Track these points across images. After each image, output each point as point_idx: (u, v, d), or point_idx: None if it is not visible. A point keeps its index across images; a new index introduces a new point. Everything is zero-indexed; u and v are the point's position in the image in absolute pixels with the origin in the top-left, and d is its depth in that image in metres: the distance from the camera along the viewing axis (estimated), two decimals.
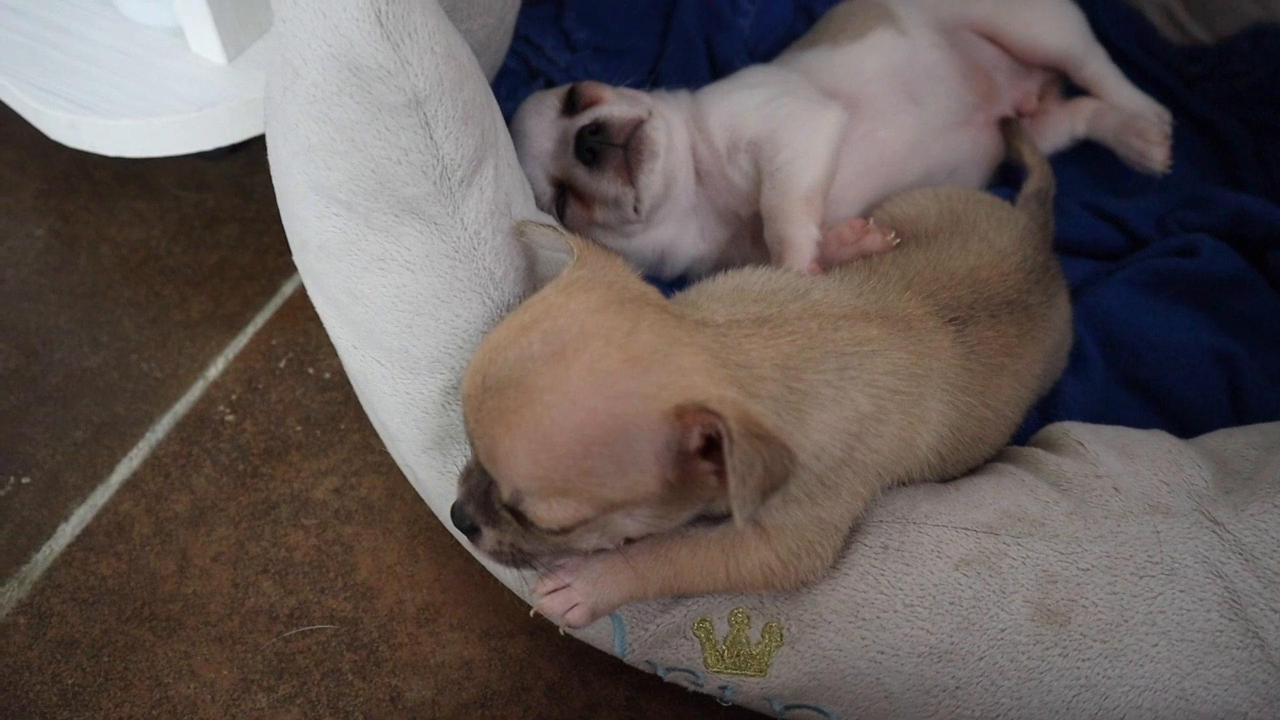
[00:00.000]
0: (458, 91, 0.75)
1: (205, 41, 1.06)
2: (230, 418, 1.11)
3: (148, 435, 1.09)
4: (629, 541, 0.77)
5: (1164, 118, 1.23)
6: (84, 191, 1.30)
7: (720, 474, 0.66)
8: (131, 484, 1.06)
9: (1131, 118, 1.20)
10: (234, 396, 1.12)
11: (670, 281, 1.13)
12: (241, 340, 1.17)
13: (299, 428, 1.10)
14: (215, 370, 1.15)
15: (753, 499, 0.62)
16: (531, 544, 0.73)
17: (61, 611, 0.98)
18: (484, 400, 0.67)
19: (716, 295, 0.80)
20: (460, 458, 0.83)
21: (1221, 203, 1.15)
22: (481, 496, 0.72)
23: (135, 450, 1.08)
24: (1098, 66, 1.24)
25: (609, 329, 0.66)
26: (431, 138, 0.75)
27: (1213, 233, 1.14)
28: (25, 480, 1.06)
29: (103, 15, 1.11)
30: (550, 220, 0.91)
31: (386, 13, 0.71)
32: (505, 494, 0.68)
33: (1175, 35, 1.43)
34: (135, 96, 1.05)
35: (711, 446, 0.66)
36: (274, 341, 1.17)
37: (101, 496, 1.05)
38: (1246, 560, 0.77)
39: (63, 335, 1.17)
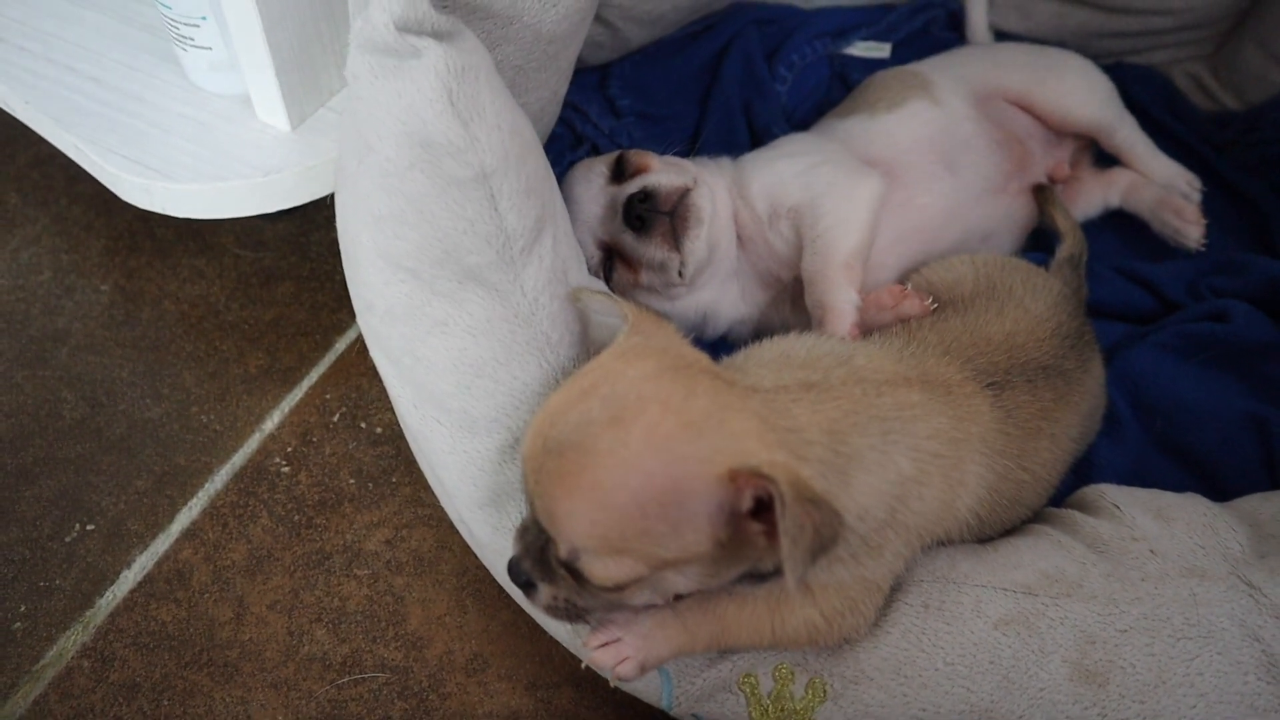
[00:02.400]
0: (521, 165, 0.80)
1: (271, 110, 1.12)
2: (286, 469, 1.15)
3: (207, 485, 1.13)
4: (678, 597, 0.79)
5: (1194, 184, 1.26)
6: (147, 249, 1.35)
7: (769, 534, 0.69)
8: (191, 533, 1.10)
9: (1166, 192, 1.23)
10: (289, 449, 1.16)
11: (711, 342, 1.17)
12: (297, 394, 1.21)
13: (352, 480, 1.14)
14: (271, 423, 1.19)
15: (804, 560, 0.64)
16: (585, 599, 0.75)
17: (124, 656, 1.01)
18: (544, 461, 0.70)
19: (763, 361, 0.83)
20: (515, 514, 0.86)
21: (1253, 269, 1.18)
22: (538, 553, 0.75)
23: (195, 500, 1.12)
24: (1128, 134, 1.27)
25: (665, 395, 0.70)
26: (496, 209, 0.79)
27: (1244, 298, 1.16)
28: (90, 527, 1.10)
29: (175, 84, 1.17)
30: (602, 286, 0.95)
31: (457, 93, 0.75)
32: (563, 551, 0.71)
33: (1204, 102, 1.47)
34: (205, 162, 1.10)
35: (761, 508, 0.69)
36: (328, 396, 1.21)
37: (162, 544, 1.09)
38: None
39: (126, 387, 1.21)
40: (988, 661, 0.80)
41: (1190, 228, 1.21)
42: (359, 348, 1.26)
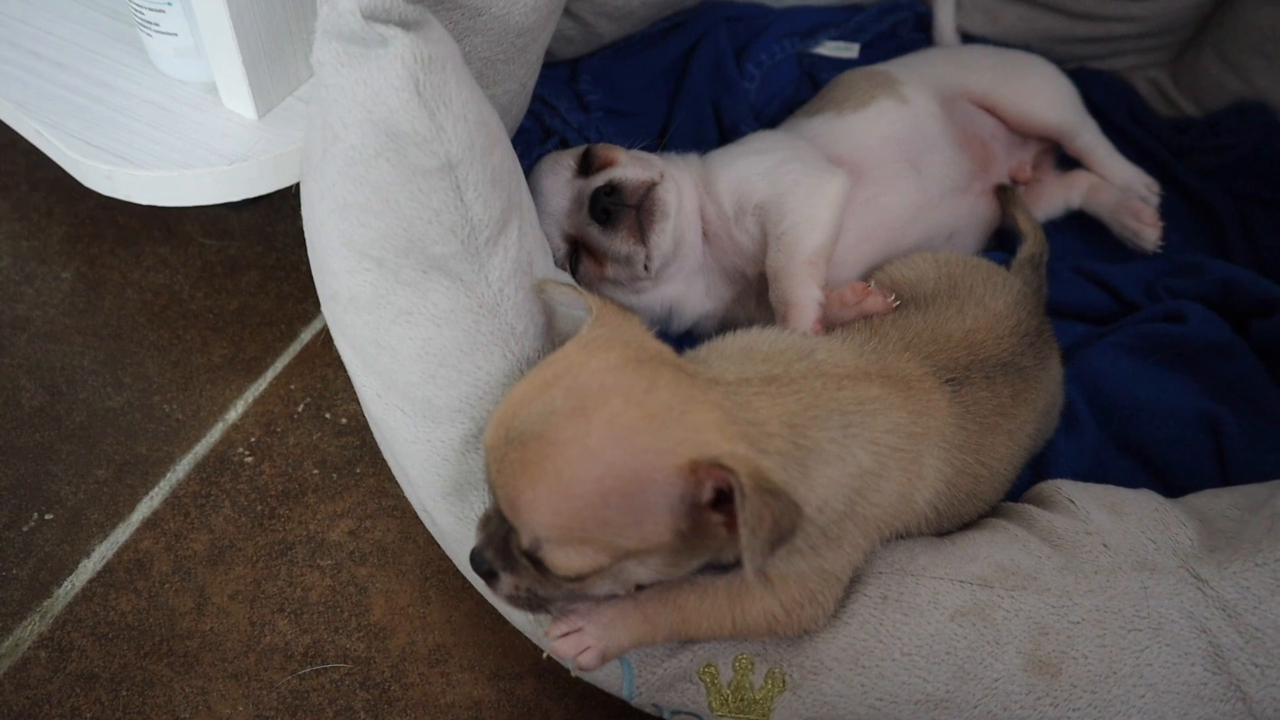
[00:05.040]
0: (487, 157, 0.80)
1: (238, 98, 1.11)
2: (249, 460, 1.14)
3: (168, 475, 1.13)
4: (640, 588, 0.80)
5: (1153, 188, 1.29)
6: (110, 236, 1.34)
7: (729, 525, 0.70)
8: (152, 522, 1.09)
9: (1126, 195, 1.26)
10: (253, 439, 1.16)
11: (677, 336, 1.17)
12: (261, 384, 1.21)
13: (316, 471, 1.14)
14: (235, 413, 1.18)
15: (762, 550, 0.65)
16: (547, 589, 0.76)
17: (82, 646, 1.00)
18: (507, 451, 0.71)
19: (726, 354, 0.84)
20: (478, 504, 0.87)
21: (1209, 271, 1.20)
22: (500, 543, 0.75)
23: (156, 489, 1.11)
24: (1090, 138, 1.29)
25: (628, 386, 0.70)
26: (461, 200, 0.79)
27: (1200, 300, 1.18)
28: (49, 516, 1.09)
29: (140, 71, 1.16)
30: (568, 279, 0.96)
31: (424, 83, 0.75)
32: (525, 541, 0.72)
33: (1164, 108, 1.49)
34: (170, 149, 1.09)
35: (722, 499, 0.69)
36: (292, 386, 1.21)
37: (122, 534, 1.08)
38: (1229, 616, 0.81)
39: (87, 375, 1.20)
40: (944, 652, 0.82)
41: (1147, 230, 1.23)
42: (324, 338, 1.25)
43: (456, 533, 0.89)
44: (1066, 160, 1.33)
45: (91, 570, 1.05)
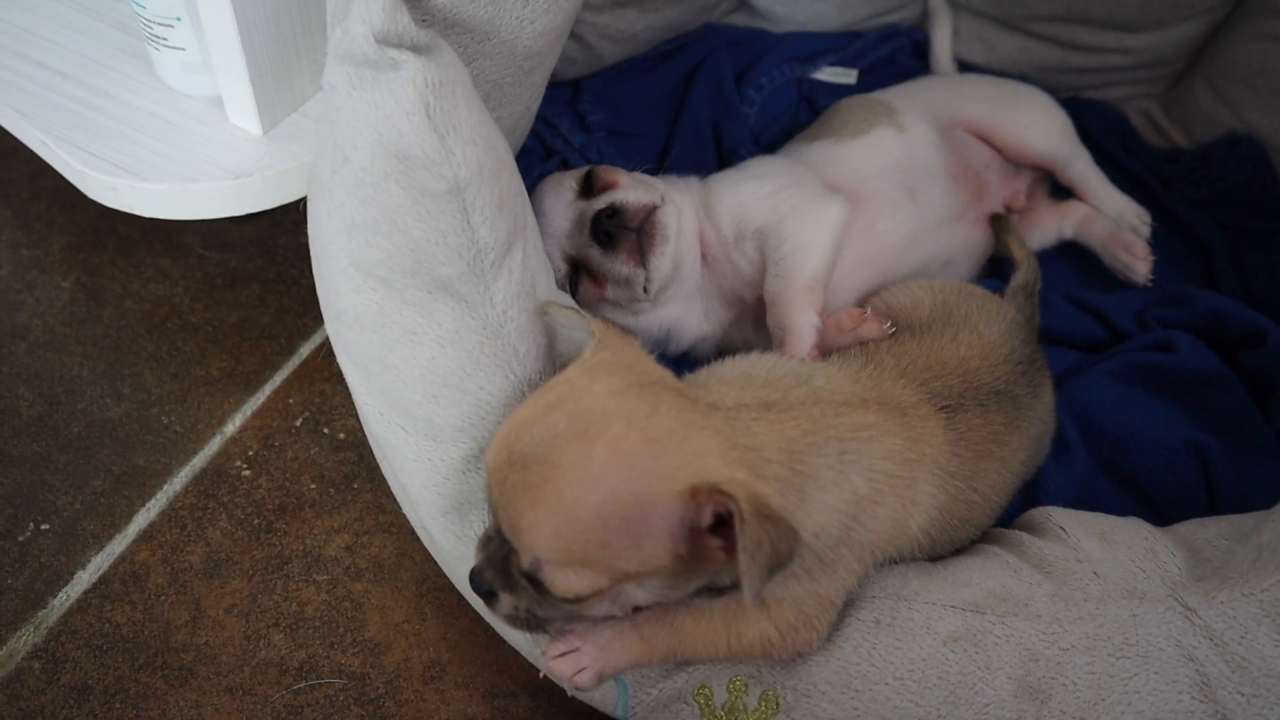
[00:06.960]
0: (495, 180, 0.81)
1: (243, 113, 1.12)
2: (247, 473, 1.15)
3: (165, 487, 1.13)
4: (637, 609, 0.81)
5: (1144, 219, 1.31)
6: (110, 246, 1.34)
7: (727, 549, 0.71)
8: (148, 534, 1.09)
9: (1118, 227, 1.28)
10: (251, 452, 1.16)
11: (674, 358, 1.18)
12: (259, 398, 1.21)
13: (313, 485, 1.14)
14: (233, 426, 1.19)
15: (761, 575, 0.66)
16: (546, 610, 0.77)
17: (76, 658, 1.00)
18: (509, 474, 0.72)
19: (725, 379, 0.85)
20: (477, 523, 0.87)
21: (1199, 302, 1.22)
22: (500, 563, 0.76)
23: (153, 501, 1.12)
24: (1082, 168, 1.31)
25: (630, 411, 0.71)
26: (469, 223, 0.80)
27: (1189, 330, 1.20)
28: (44, 526, 1.09)
29: (146, 83, 1.17)
30: (569, 301, 0.97)
31: (435, 107, 0.76)
32: (525, 562, 0.73)
33: (1155, 139, 1.52)
34: (174, 162, 1.10)
35: (720, 524, 0.70)
36: (291, 400, 1.21)
37: (119, 545, 1.08)
38: (1216, 645, 0.82)
39: (85, 386, 1.21)
40: (936, 677, 0.83)
41: (1139, 264, 1.25)
42: (323, 353, 1.26)
43: (455, 551, 0.89)
44: (1060, 190, 1.35)
45: (87, 581, 1.06)
